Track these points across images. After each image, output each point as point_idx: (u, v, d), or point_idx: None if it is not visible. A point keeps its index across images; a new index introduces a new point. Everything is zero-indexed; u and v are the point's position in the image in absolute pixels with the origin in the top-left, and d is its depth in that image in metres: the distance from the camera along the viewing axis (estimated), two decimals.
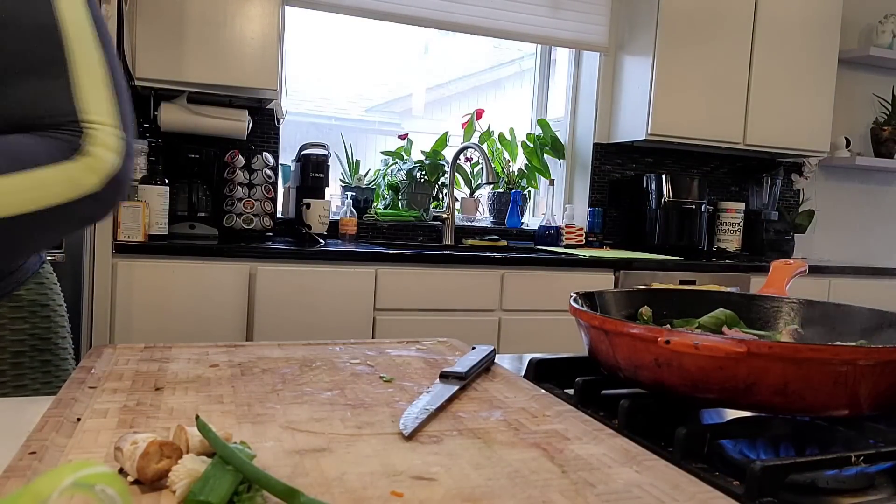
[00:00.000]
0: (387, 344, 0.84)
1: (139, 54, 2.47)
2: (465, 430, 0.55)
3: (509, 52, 3.49)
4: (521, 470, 0.48)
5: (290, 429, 0.53)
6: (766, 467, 0.47)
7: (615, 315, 0.80)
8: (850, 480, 0.53)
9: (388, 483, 0.44)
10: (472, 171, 3.31)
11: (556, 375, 0.75)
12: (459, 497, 0.43)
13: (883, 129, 3.71)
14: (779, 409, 0.58)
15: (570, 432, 0.55)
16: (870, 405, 0.58)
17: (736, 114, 3.14)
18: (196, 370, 0.68)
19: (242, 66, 2.47)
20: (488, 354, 0.73)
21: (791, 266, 0.90)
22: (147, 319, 2.32)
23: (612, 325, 0.64)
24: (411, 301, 2.44)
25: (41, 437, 0.48)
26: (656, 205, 3.20)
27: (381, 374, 0.70)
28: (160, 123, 2.72)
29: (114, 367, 0.68)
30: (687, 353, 0.57)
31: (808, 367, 0.55)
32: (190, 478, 0.41)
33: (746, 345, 0.55)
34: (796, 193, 3.73)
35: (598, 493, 0.44)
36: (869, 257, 3.84)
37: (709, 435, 0.55)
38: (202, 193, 2.76)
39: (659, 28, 2.99)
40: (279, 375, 0.68)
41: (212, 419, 0.54)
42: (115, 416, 0.54)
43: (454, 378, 0.65)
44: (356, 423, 0.55)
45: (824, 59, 3.28)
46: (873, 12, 3.68)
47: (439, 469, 0.47)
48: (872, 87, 3.79)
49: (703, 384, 0.58)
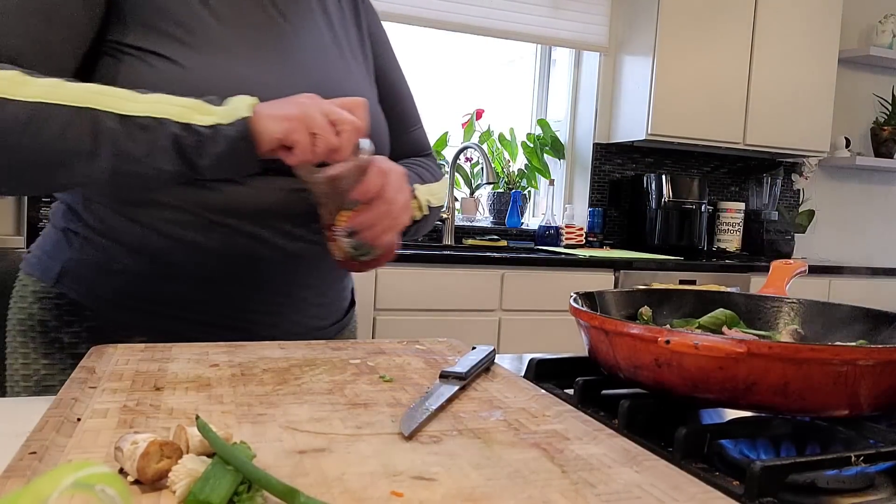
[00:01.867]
0: (387, 344, 0.84)
1: None
2: (464, 430, 0.55)
3: (509, 52, 3.49)
4: (521, 470, 0.48)
5: (290, 429, 0.53)
6: (766, 467, 0.47)
7: (615, 315, 0.80)
8: (851, 480, 0.53)
9: (388, 483, 0.44)
10: (472, 171, 3.31)
11: (556, 375, 0.75)
12: (459, 497, 0.43)
13: (883, 129, 3.71)
14: (779, 409, 0.58)
15: (570, 432, 0.55)
16: (870, 405, 0.58)
17: (736, 114, 3.14)
18: (196, 370, 0.68)
19: None
20: (488, 354, 0.73)
21: (791, 266, 0.90)
22: None
23: (612, 326, 0.64)
24: (411, 301, 2.43)
25: (41, 436, 0.48)
26: (656, 205, 3.20)
27: (381, 374, 0.70)
28: None
29: (114, 367, 0.68)
30: (687, 353, 0.57)
31: (808, 367, 0.55)
32: (190, 478, 0.41)
33: (746, 345, 0.55)
34: (796, 193, 3.73)
35: (598, 494, 0.44)
36: (869, 257, 3.84)
37: (709, 435, 0.55)
38: None
39: (659, 28, 2.99)
40: (279, 375, 0.68)
41: (212, 419, 0.54)
42: (115, 416, 0.54)
43: (454, 378, 0.65)
44: (356, 423, 0.55)
45: (824, 59, 3.28)
46: (873, 12, 3.68)
47: (439, 469, 0.47)
48: (872, 87, 3.80)
49: (703, 384, 0.58)
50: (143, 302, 0.84)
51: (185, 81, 0.77)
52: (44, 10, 0.75)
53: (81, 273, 0.85)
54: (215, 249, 0.81)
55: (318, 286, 0.93)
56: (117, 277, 0.84)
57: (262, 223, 0.82)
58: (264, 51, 0.85)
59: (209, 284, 0.84)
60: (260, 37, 0.86)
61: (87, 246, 0.85)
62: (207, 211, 0.80)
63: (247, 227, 0.82)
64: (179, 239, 0.81)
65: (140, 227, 0.81)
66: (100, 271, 0.84)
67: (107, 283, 0.84)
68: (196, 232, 0.81)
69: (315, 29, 0.93)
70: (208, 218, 0.80)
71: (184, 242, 0.81)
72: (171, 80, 0.77)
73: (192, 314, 0.84)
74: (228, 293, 0.85)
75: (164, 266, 0.82)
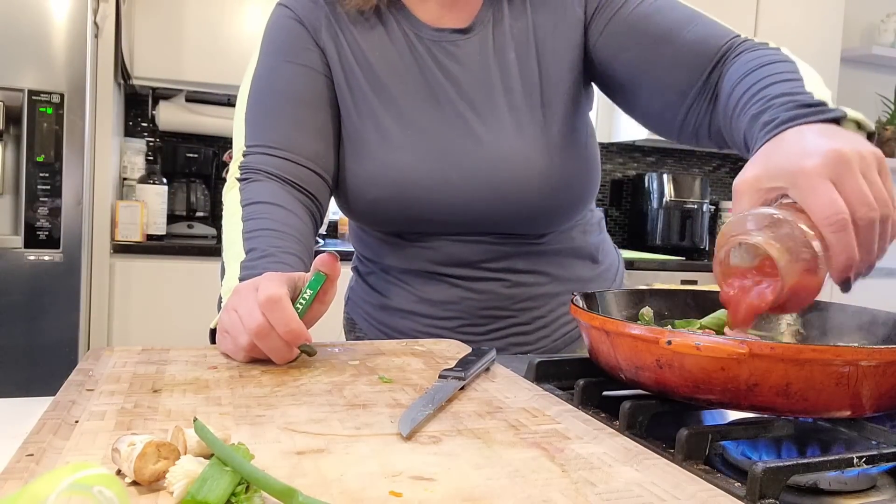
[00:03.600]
0: (386, 344, 0.84)
1: (137, 53, 2.47)
2: (464, 430, 0.55)
3: None
4: (521, 469, 0.47)
5: (288, 430, 0.53)
6: (768, 469, 0.47)
7: (616, 315, 0.79)
8: (853, 482, 0.52)
9: (387, 483, 0.44)
10: None
11: (557, 376, 0.74)
12: (459, 497, 0.43)
13: (886, 129, 3.70)
14: (781, 410, 0.57)
15: (570, 431, 0.55)
16: (872, 406, 0.57)
17: None
18: (194, 372, 0.68)
19: (241, 65, 2.46)
20: (489, 355, 0.73)
21: None
22: (145, 319, 2.33)
23: (613, 326, 0.63)
24: None
25: (39, 439, 0.48)
26: (658, 204, 3.20)
27: (380, 375, 0.69)
28: (158, 123, 2.72)
29: (112, 369, 0.67)
30: (689, 353, 0.56)
31: (810, 367, 0.54)
32: (188, 479, 0.41)
33: (748, 346, 0.54)
34: None
35: (598, 493, 0.44)
36: None
37: (710, 436, 0.54)
38: (200, 193, 2.76)
39: None
40: (278, 377, 0.67)
41: (210, 421, 0.54)
42: (112, 418, 0.54)
43: (454, 378, 0.65)
44: (355, 424, 0.55)
45: (826, 58, 3.27)
46: (875, 11, 3.67)
47: (439, 469, 0.47)
48: (875, 87, 3.79)
49: (705, 385, 0.58)
50: (384, 326, 1.06)
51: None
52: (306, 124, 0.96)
53: (355, 301, 1.12)
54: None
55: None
56: (369, 307, 1.08)
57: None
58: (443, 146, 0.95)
59: None
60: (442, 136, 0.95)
61: (358, 282, 1.12)
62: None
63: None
64: (411, 287, 1.01)
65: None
66: (361, 302, 1.10)
67: (364, 311, 1.09)
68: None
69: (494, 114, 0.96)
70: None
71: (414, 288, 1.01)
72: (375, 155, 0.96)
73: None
74: None
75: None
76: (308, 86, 0.95)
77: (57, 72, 2.05)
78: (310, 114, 0.95)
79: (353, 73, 0.96)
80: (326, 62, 0.96)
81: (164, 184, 2.55)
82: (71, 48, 2.05)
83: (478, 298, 0.98)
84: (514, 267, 0.98)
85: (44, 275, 2.06)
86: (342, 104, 0.97)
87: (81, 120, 2.07)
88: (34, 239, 2.05)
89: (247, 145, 0.94)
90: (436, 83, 0.95)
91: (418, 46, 0.96)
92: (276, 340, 0.68)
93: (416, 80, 0.95)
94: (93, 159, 2.21)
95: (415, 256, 0.99)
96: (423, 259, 0.99)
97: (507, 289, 0.98)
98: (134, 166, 2.64)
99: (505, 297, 0.98)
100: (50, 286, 2.07)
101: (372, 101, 0.95)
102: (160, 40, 2.45)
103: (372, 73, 0.95)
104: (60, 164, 2.05)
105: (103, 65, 2.24)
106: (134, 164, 2.65)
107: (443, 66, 0.95)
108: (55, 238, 2.06)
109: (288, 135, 0.93)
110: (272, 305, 0.67)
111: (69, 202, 2.07)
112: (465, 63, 0.95)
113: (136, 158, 2.66)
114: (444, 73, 0.95)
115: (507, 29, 0.96)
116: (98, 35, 2.19)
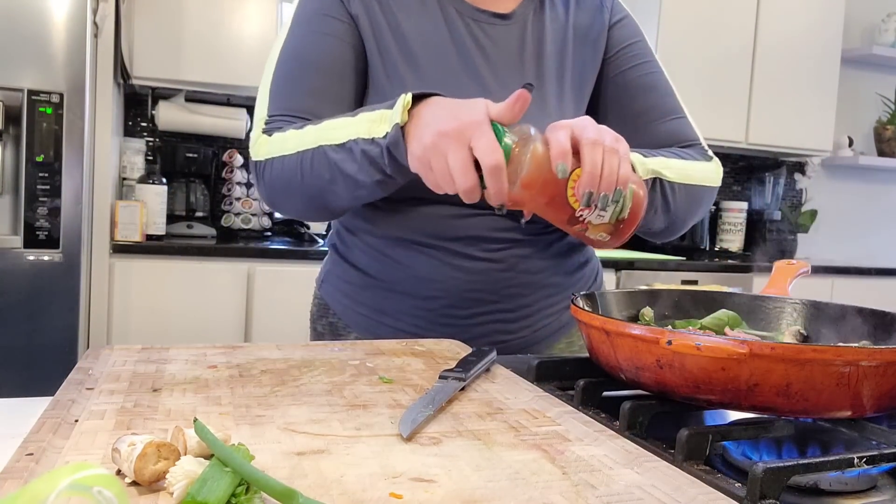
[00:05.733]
0: (386, 345, 0.84)
1: (137, 53, 2.46)
2: (464, 432, 0.55)
3: None
4: (521, 471, 0.47)
5: (288, 430, 0.53)
6: (769, 469, 0.46)
7: (616, 316, 0.79)
8: (853, 482, 0.52)
9: (387, 485, 0.44)
10: None
11: (557, 377, 0.74)
12: (459, 499, 0.43)
13: (886, 129, 3.70)
14: (781, 410, 0.57)
15: (570, 433, 0.55)
16: (873, 406, 0.57)
17: (738, 113, 3.14)
18: (194, 371, 0.67)
19: (240, 64, 2.46)
20: (489, 355, 0.73)
21: (794, 266, 0.90)
22: (144, 319, 2.32)
23: (614, 326, 0.63)
24: None
25: (38, 438, 0.48)
26: None
27: (380, 375, 0.69)
28: (158, 122, 2.72)
29: (111, 368, 0.67)
30: (689, 354, 0.56)
31: (810, 368, 0.54)
32: (188, 479, 0.41)
33: (749, 346, 0.54)
34: (799, 193, 3.72)
35: (598, 495, 0.44)
36: (872, 257, 3.83)
37: (711, 437, 0.54)
38: (200, 193, 2.75)
39: (660, 27, 2.98)
40: (278, 377, 0.67)
41: (210, 421, 0.54)
42: (112, 417, 0.54)
43: (454, 378, 0.65)
44: (355, 425, 0.55)
45: (827, 58, 3.27)
46: (876, 11, 3.67)
47: (439, 470, 0.47)
48: (875, 86, 3.79)
49: (706, 385, 0.58)
50: (363, 307, 1.02)
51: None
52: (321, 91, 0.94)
53: (331, 282, 1.08)
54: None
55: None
56: (348, 287, 1.04)
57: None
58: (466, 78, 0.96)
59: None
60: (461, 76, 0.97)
61: (336, 262, 1.07)
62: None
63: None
64: (398, 260, 0.97)
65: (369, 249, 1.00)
66: (340, 283, 1.05)
67: (342, 292, 1.05)
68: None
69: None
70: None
71: (401, 263, 0.97)
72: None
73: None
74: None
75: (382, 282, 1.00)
76: (335, 55, 0.95)
77: (56, 72, 2.04)
78: (334, 83, 0.95)
79: (384, 41, 0.95)
80: (357, 31, 0.96)
81: (164, 184, 2.55)
82: (70, 48, 2.05)
83: (465, 279, 0.95)
84: (515, 251, 0.97)
85: (43, 275, 2.06)
86: (372, 71, 0.97)
87: (81, 120, 2.07)
88: (34, 239, 2.05)
89: (269, 114, 0.94)
90: (468, 59, 0.96)
91: (457, 22, 0.97)
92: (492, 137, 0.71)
93: (448, 53, 0.96)
94: (92, 159, 2.21)
95: (409, 224, 0.96)
96: (416, 229, 0.96)
97: (500, 272, 0.96)
98: (133, 166, 2.64)
99: (495, 280, 0.96)
100: (49, 286, 2.07)
101: (402, 69, 0.95)
102: (160, 40, 2.45)
103: (404, 41, 0.95)
104: (60, 163, 2.05)
105: (103, 64, 2.24)
106: (133, 163, 2.64)
107: (479, 44, 0.97)
108: (55, 238, 2.06)
109: (311, 103, 0.93)
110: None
111: (69, 202, 2.07)
112: (501, 45, 0.97)
113: (136, 158, 2.66)
114: (479, 51, 0.97)
115: (548, 23, 1.00)
116: (98, 35, 2.19)
